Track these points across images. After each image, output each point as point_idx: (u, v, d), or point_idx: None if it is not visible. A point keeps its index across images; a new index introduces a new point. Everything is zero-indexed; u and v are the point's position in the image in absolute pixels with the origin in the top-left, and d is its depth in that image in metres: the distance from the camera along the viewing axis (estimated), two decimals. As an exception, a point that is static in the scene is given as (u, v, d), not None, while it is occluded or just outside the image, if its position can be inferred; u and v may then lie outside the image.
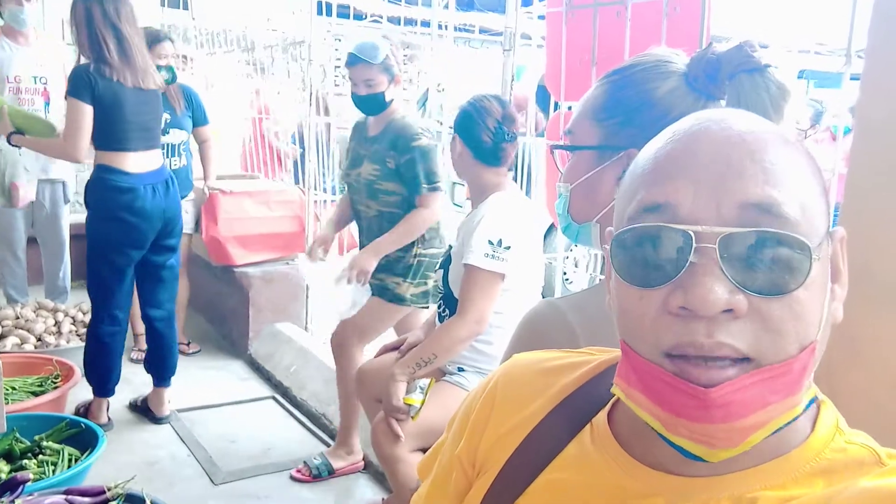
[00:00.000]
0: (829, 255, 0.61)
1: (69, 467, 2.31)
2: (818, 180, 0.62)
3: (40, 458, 2.35)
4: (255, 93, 5.53)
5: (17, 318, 3.69)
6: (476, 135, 2.17)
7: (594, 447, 0.70)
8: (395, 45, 2.77)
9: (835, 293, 0.63)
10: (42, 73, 3.87)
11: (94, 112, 2.86)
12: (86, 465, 2.31)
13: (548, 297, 1.66)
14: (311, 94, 4.05)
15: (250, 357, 4.03)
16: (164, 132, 3.75)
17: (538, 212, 2.48)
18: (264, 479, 2.89)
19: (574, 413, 0.73)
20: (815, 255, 0.57)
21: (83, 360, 3.14)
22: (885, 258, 1.07)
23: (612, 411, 0.72)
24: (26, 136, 3.10)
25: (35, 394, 2.93)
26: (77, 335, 3.69)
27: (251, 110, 5.47)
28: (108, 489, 2.01)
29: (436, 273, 2.35)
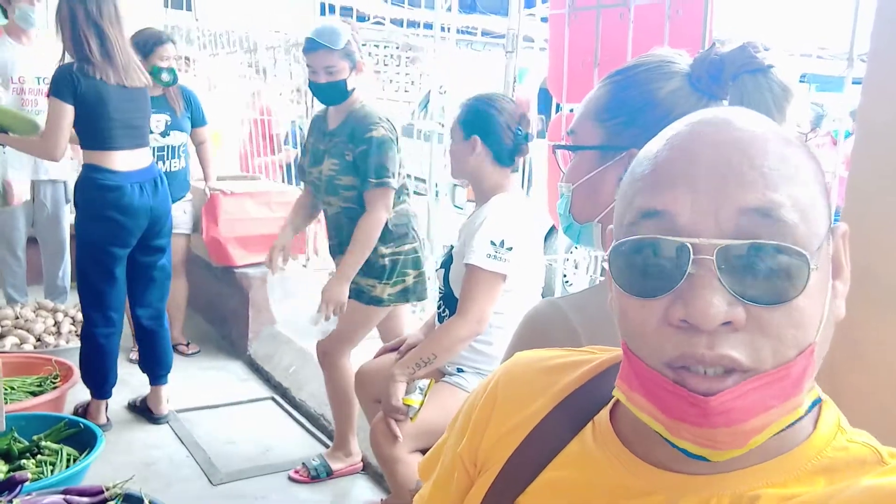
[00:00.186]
0: (829, 255, 0.61)
1: (67, 467, 2.31)
2: (819, 179, 0.61)
3: (39, 457, 2.35)
4: (254, 94, 5.53)
5: (17, 317, 3.69)
6: (499, 136, 2.13)
7: (596, 445, 0.70)
8: (355, 31, 2.60)
9: (836, 290, 0.63)
10: (45, 74, 3.85)
11: (79, 111, 2.84)
12: (84, 465, 2.31)
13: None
14: (310, 96, 4.03)
15: (250, 358, 4.02)
16: (164, 134, 3.75)
17: (539, 213, 2.47)
18: (262, 479, 2.89)
19: (576, 411, 0.73)
20: (813, 265, 0.56)
21: (79, 363, 3.13)
22: (888, 261, 1.07)
23: (613, 409, 0.72)
24: (9, 135, 3.07)
25: (34, 394, 2.93)
26: (76, 335, 3.67)
27: (251, 111, 5.48)
28: (107, 489, 2.01)
29: (436, 273, 2.33)
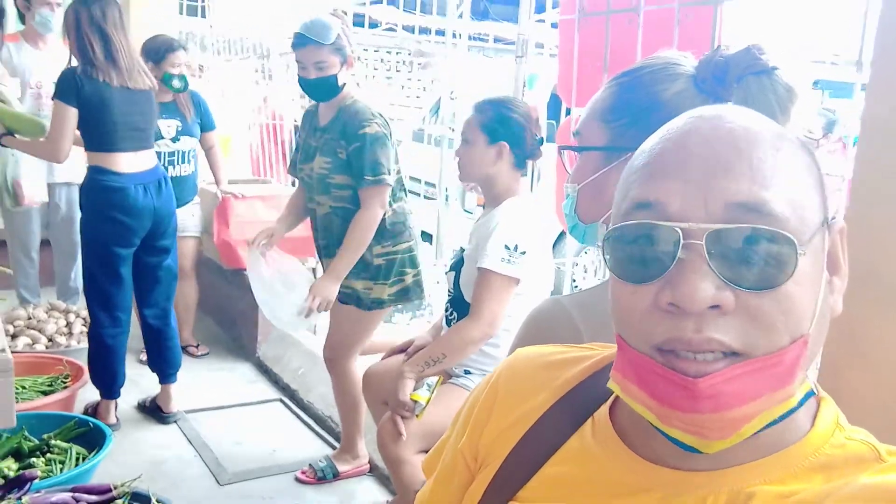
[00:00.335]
0: (823, 248, 0.61)
1: (76, 466, 2.33)
2: (811, 173, 0.62)
3: (48, 456, 2.37)
4: (264, 100, 5.57)
5: (30, 318, 3.72)
6: (524, 141, 2.14)
7: (595, 441, 0.70)
8: (346, 24, 2.56)
9: (833, 285, 0.63)
10: None
11: (82, 114, 2.87)
12: (93, 463, 2.33)
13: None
14: None
15: (258, 360, 4.03)
16: (175, 139, 3.77)
17: (548, 217, 2.48)
18: (269, 480, 2.90)
19: (576, 407, 0.73)
20: (801, 251, 0.57)
21: (87, 363, 3.15)
22: (891, 260, 1.07)
23: (613, 406, 0.72)
24: (16, 138, 3.09)
25: (45, 393, 2.95)
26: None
27: (261, 116, 5.51)
28: (115, 487, 2.02)
29: (446, 276, 2.33)
